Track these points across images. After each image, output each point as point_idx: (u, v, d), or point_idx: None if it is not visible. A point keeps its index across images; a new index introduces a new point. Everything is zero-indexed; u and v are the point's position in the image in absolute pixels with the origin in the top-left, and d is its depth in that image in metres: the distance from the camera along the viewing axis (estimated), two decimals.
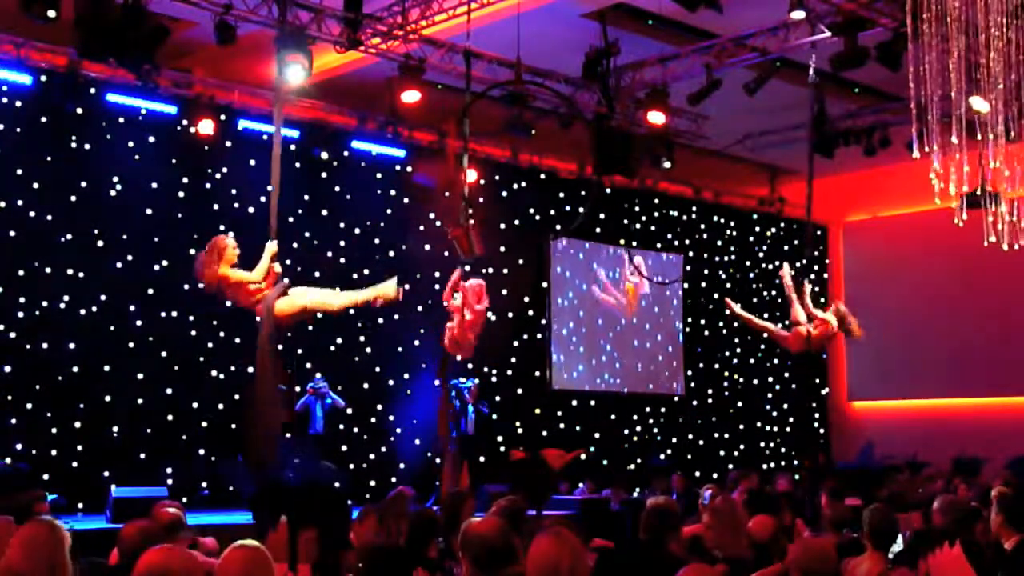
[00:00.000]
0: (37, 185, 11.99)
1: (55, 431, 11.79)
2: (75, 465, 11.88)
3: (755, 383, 18.93)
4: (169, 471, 12.35)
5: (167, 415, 12.53)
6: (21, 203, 11.89)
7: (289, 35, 9.63)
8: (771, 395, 19.19)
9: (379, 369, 14.23)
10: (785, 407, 19.28)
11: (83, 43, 9.93)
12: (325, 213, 14.04)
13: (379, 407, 14.20)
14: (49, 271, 11.96)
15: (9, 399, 11.56)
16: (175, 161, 12.97)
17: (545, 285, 16.25)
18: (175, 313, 12.65)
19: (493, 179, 15.30)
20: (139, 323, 12.49)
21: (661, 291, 17.56)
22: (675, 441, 17.57)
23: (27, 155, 11.96)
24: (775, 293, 17.54)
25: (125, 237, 12.49)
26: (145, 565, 3.36)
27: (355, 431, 13.91)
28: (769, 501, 8.01)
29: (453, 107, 12.33)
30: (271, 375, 8.22)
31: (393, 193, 14.69)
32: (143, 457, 12.29)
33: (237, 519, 10.18)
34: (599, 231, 16.70)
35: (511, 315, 15.23)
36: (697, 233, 18.44)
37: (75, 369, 12.01)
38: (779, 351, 17.86)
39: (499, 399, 14.87)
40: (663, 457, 17.01)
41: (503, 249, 15.22)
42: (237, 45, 10.89)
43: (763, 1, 11.29)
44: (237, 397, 12.56)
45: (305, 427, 12.56)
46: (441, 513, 6.42)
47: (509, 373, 15.61)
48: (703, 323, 18.26)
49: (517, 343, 15.76)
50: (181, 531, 5.72)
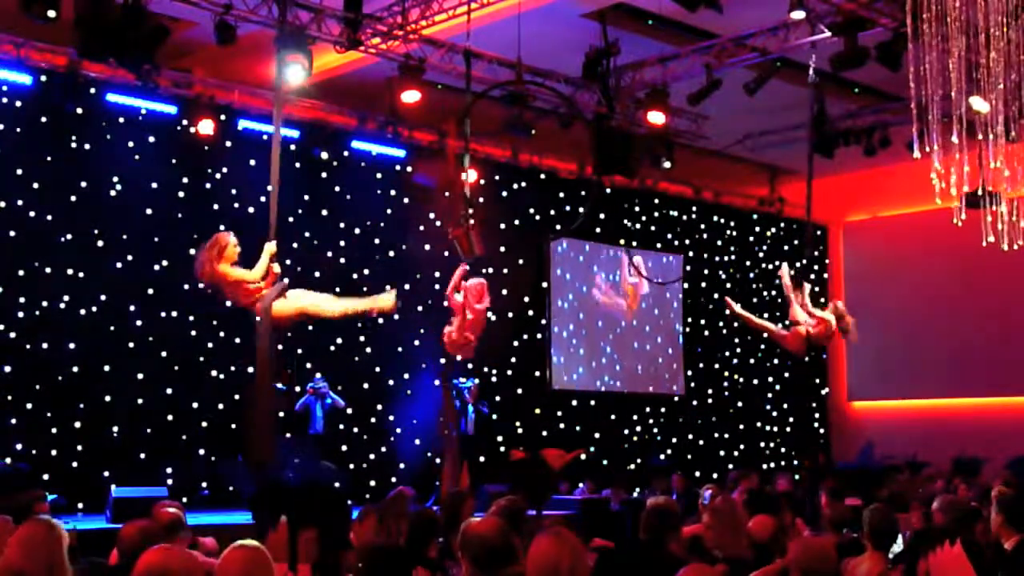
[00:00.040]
0: (37, 185, 11.99)
1: (55, 431, 11.80)
2: (75, 465, 11.88)
3: (755, 383, 18.93)
4: (169, 471, 12.35)
5: (167, 415, 12.54)
6: (21, 203, 11.89)
7: (289, 35, 9.62)
8: (771, 395, 19.18)
9: (379, 369, 14.23)
10: (785, 407, 19.27)
11: (83, 43, 9.93)
12: (325, 213, 14.04)
13: (379, 407, 14.20)
14: (49, 271, 11.96)
15: (9, 399, 11.56)
16: (175, 161, 12.98)
17: (545, 285, 16.25)
18: (175, 313, 12.65)
19: (493, 179, 15.30)
20: (139, 323, 12.49)
21: (661, 292, 17.55)
22: (675, 441, 17.57)
23: (27, 155, 11.96)
24: (775, 293, 17.52)
25: (125, 237, 12.49)
26: (145, 565, 3.36)
27: (355, 431, 13.91)
28: (769, 501, 8.01)
29: (453, 107, 12.33)
30: (269, 375, 8.22)
31: (393, 193, 14.69)
32: (143, 457, 12.29)
33: (237, 519, 10.18)
34: (599, 231, 16.70)
35: (511, 315, 15.23)
36: (697, 233, 18.44)
37: (75, 369, 12.01)
38: (779, 351, 17.84)
39: (499, 399, 14.87)
40: (663, 457, 17.01)
41: (503, 249, 15.22)
42: (237, 45, 10.89)
43: (763, 1, 11.29)
44: (237, 397, 12.57)
45: (305, 427, 12.57)
46: (441, 513, 6.43)
47: (509, 373, 15.61)
48: (703, 323, 18.26)
49: (517, 343, 15.76)
50: (181, 531, 5.72)
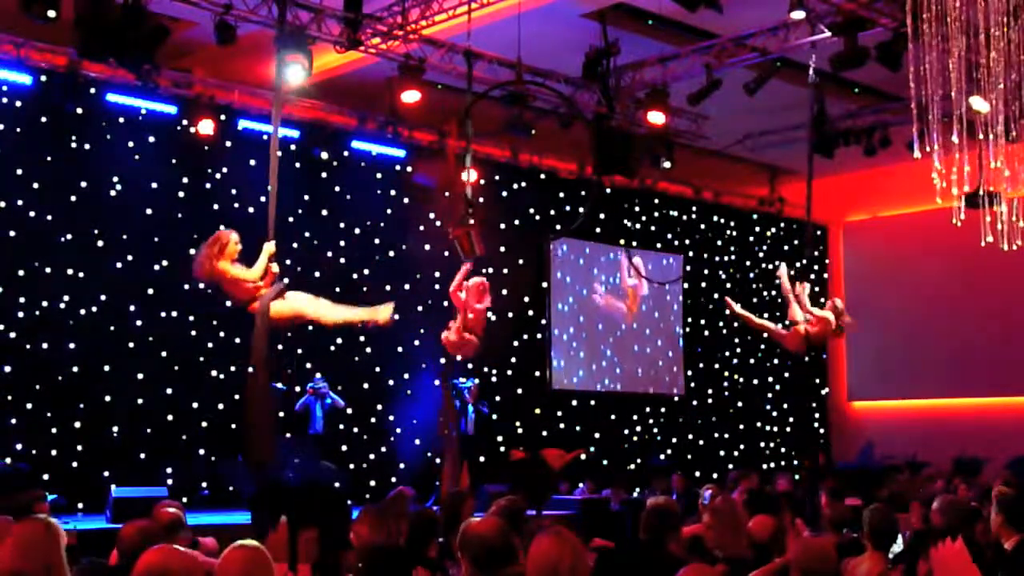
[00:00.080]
0: (37, 185, 11.99)
1: (55, 431, 11.80)
2: (75, 465, 11.88)
3: (755, 383, 18.93)
4: (169, 471, 12.36)
5: (167, 415, 12.54)
6: (21, 203, 11.89)
7: (289, 35, 9.62)
8: (771, 395, 19.19)
9: (379, 369, 14.23)
10: (785, 407, 19.28)
11: (83, 43, 9.92)
12: (325, 213, 14.04)
13: (379, 407, 14.20)
14: (49, 271, 11.96)
15: (9, 399, 11.56)
16: (175, 161, 12.98)
17: (545, 285, 16.25)
18: (175, 313, 12.65)
19: (493, 179, 15.30)
20: (139, 323, 12.49)
21: (661, 294, 17.56)
22: (675, 441, 17.57)
23: (27, 155, 11.96)
24: (775, 293, 17.49)
25: (125, 237, 12.49)
26: (145, 565, 3.36)
27: (355, 431, 13.91)
28: (769, 501, 8.01)
29: (453, 107, 12.33)
30: (266, 374, 8.22)
31: (393, 193, 14.69)
32: (143, 457, 12.29)
33: (237, 519, 10.18)
34: (599, 231, 16.70)
35: (511, 315, 15.23)
36: (697, 233, 18.44)
37: (75, 369, 12.02)
38: (779, 351, 17.86)
39: (499, 399, 14.87)
40: (663, 457, 17.01)
41: (503, 249, 15.22)
42: (237, 45, 10.89)
43: (763, 1, 11.28)
44: (237, 397, 12.55)
45: (305, 427, 12.57)
46: (441, 513, 6.43)
47: (509, 373, 15.61)
48: (703, 323, 18.26)
49: (517, 343, 15.76)
50: (181, 531, 5.72)
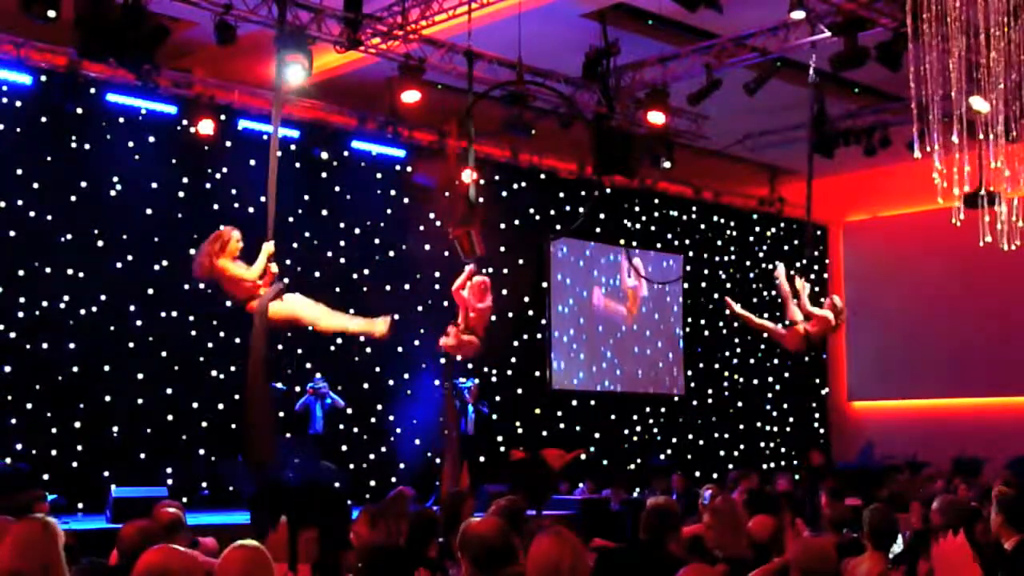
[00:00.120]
0: (37, 185, 11.99)
1: (55, 431, 11.79)
2: (75, 465, 11.88)
3: (755, 383, 18.93)
4: (169, 471, 12.35)
5: (167, 415, 12.54)
6: (21, 203, 11.89)
7: (289, 35, 9.61)
8: (771, 395, 19.19)
9: (379, 369, 14.23)
10: (785, 407, 19.28)
11: (83, 43, 9.92)
12: (325, 213, 14.04)
13: (379, 407, 14.20)
14: (49, 271, 11.96)
15: (9, 399, 11.56)
16: (175, 161, 12.97)
17: (545, 285, 16.25)
18: (175, 313, 12.65)
19: (493, 179, 15.28)
20: (139, 323, 12.49)
21: (661, 295, 17.58)
22: (675, 441, 17.57)
23: (27, 155, 11.96)
24: (775, 293, 17.46)
25: (125, 237, 12.49)
26: (145, 565, 3.36)
27: (355, 431, 13.91)
28: (769, 501, 8.01)
29: (453, 107, 12.33)
30: (264, 374, 8.22)
31: (393, 193, 14.68)
32: (143, 457, 12.29)
33: (237, 519, 10.18)
34: (599, 231, 16.70)
35: (511, 315, 15.23)
36: (697, 233, 18.44)
37: (75, 369, 12.01)
38: (779, 351, 17.87)
39: (499, 399, 14.87)
40: (663, 457, 17.01)
41: (503, 249, 15.21)
42: (237, 45, 10.89)
43: (763, 1, 11.28)
44: (237, 397, 12.55)
45: (305, 427, 12.56)
46: (441, 513, 6.43)
47: (509, 373, 15.61)
48: (703, 323, 18.26)
49: (517, 343, 15.76)
50: (181, 531, 5.72)
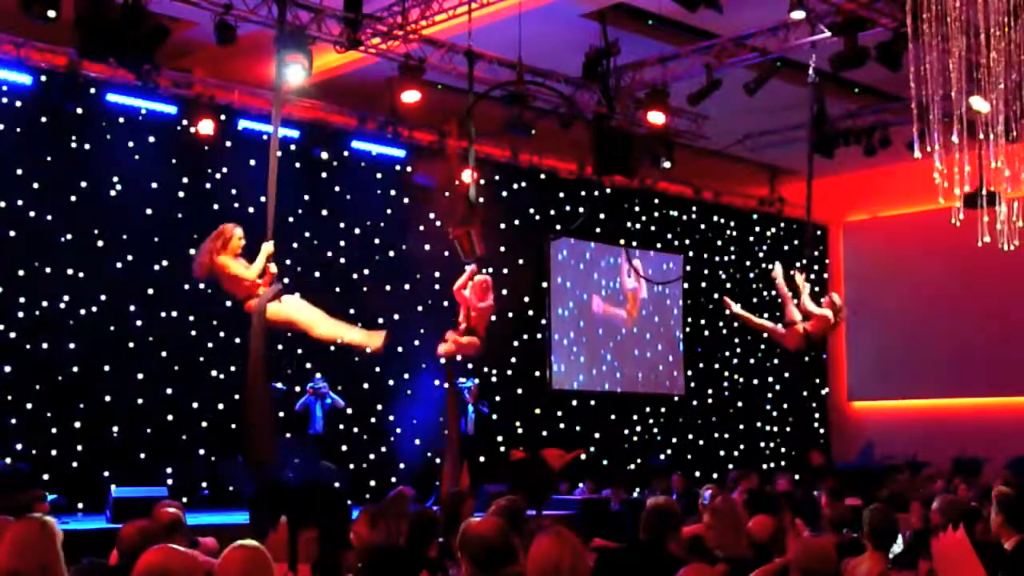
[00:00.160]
0: (37, 185, 11.99)
1: (55, 431, 11.79)
2: (75, 465, 11.88)
3: (755, 383, 18.93)
4: (169, 471, 12.35)
5: (167, 415, 12.53)
6: (21, 203, 11.89)
7: (289, 35, 9.61)
8: (771, 395, 19.19)
9: (379, 369, 14.22)
10: (785, 407, 19.28)
11: (83, 43, 9.92)
12: (325, 213, 14.03)
13: (379, 407, 14.20)
14: (49, 271, 11.96)
15: (9, 399, 11.56)
16: (175, 161, 12.97)
17: (545, 285, 16.25)
18: (175, 313, 12.65)
19: (493, 179, 15.28)
20: (139, 323, 12.49)
21: (661, 297, 17.60)
22: (675, 441, 17.57)
23: (27, 155, 11.96)
24: (775, 293, 17.53)
25: (125, 237, 12.48)
26: (145, 565, 3.35)
27: (355, 431, 13.91)
28: (769, 501, 8.01)
29: (453, 107, 12.32)
30: (263, 374, 8.22)
31: (393, 193, 14.68)
32: (143, 457, 12.29)
33: (237, 519, 10.18)
34: (599, 231, 16.70)
35: (511, 315, 15.23)
36: (697, 233, 18.44)
37: (75, 369, 12.01)
38: (779, 351, 17.87)
39: (499, 399, 14.87)
40: (663, 457, 17.01)
41: (503, 249, 15.20)
42: (237, 45, 10.89)
43: (763, 1, 11.28)
44: (237, 397, 12.55)
45: (305, 427, 12.56)
46: (441, 513, 6.43)
47: (509, 373, 15.61)
48: (703, 323, 18.26)
49: (517, 343, 15.76)
50: (181, 531, 5.72)
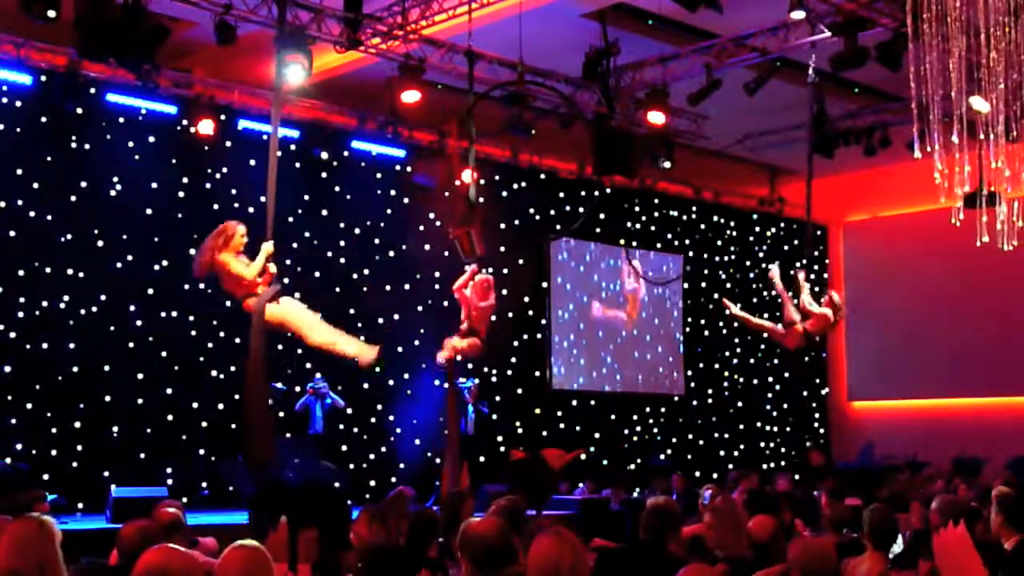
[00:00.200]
0: (37, 185, 11.98)
1: (55, 431, 11.79)
2: (75, 465, 11.88)
3: (755, 383, 18.92)
4: (169, 471, 12.35)
5: (167, 415, 12.53)
6: (21, 203, 11.88)
7: (289, 35, 9.61)
8: (771, 395, 19.19)
9: (379, 369, 14.20)
10: (785, 407, 19.28)
11: (83, 43, 9.92)
12: (325, 213, 14.03)
13: (379, 407, 14.19)
14: (49, 271, 11.96)
15: (9, 399, 11.56)
16: (175, 161, 12.97)
17: (545, 285, 16.25)
18: (175, 313, 12.65)
19: (493, 179, 15.28)
20: (139, 323, 12.49)
21: (661, 299, 17.60)
22: (675, 441, 17.57)
23: (27, 155, 11.96)
24: (775, 293, 17.57)
25: (125, 237, 12.48)
26: (145, 565, 3.35)
27: (355, 431, 13.91)
28: (769, 501, 8.01)
29: (453, 107, 12.32)
30: (262, 373, 8.22)
31: (393, 193, 14.68)
32: (143, 457, 12.28)
33: (237, 519, 10.18)
34: (599, 231, 16.70)
35: (511, 315, 15.22)
36: (697, 233, 18.44)
37: (75, 369, 12.01)
38: (779, 351, 17.88)
39: (499, 399, 14.87)
40: (663, 457, 17.01)
41: (503, 249, 15.20)
42: (237, 45, 10.89)
43: (763, 1, 11.29)
44: (237, 397, 12.55)
45: (305, 427, 12.56)
46: (441, 513, 6.43)
47: (509, 373, 15.61)
48: (703, 323, 18.25)
49: (517, 343, 15.76)
50: (181, 531, 5.71)
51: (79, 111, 12.19)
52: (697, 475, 15.79)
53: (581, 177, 16.38)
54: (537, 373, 16.03)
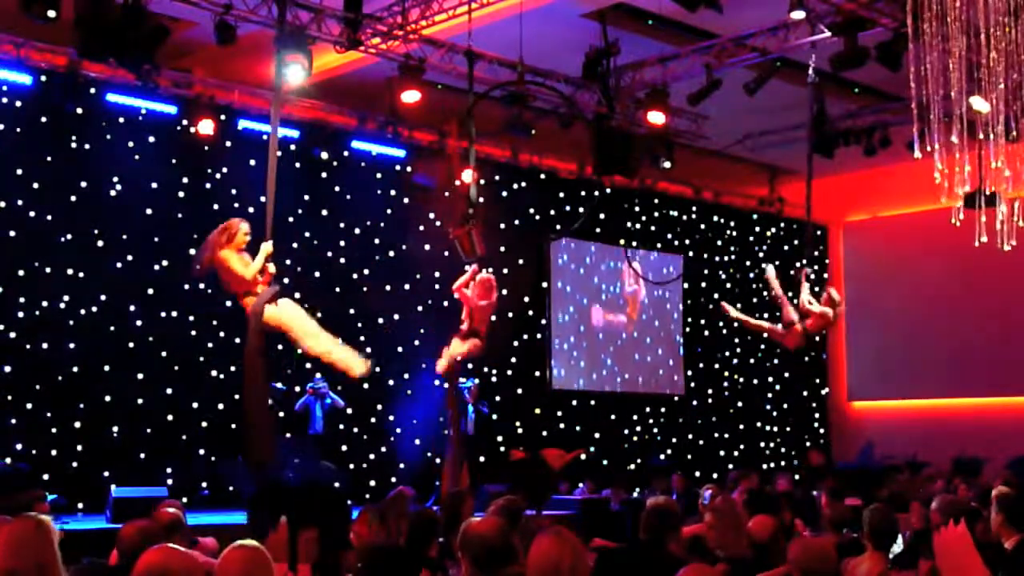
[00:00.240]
0: (37, 185, 11.99)
1: (55, 431, 11.79)
2: (75, 465, 11.88)
3: (755, 383, 18.92)
4: (169, 471, 12.35)
5: (167, 415, 12.53)
6: (21, 203, 11.89)
7: (289, 35, 9.61)
8: (771, 395, 19.19)
9: (379, 369, 14.18)
10: (785, 407, 19.28)
11: (83, 43, 9.92)
12: (325, 213, 14.03)
13: (379, 407, 14.19)
14: (49, 271, 11.96)
15: (9, 399, 11.56)
16: (175, 161, 12.97)
17: (545, 285, 16.25)
18: (175, 313, 12.65)
19: (493, 179, 15.28)
20: (139, 323, 12.49)
21: (661, 301, 17.59)
22: (675, 441, 17.57)
23: (27, 155, 11.96)
24: (775, 292, 17.57)
25: (125, 237, 12.48)
26: (145, 565, 3.35)
27: (355, 431, 13.91)
28: (769, 501, 8.02)
29: (453, 107, 12.33)
30: (261, 373, 8.22)
31: (393, 193, 14.68)
32: (143, 457, 12.29)
33: (237, 519, 10.17)
34: (599, 232, 16.69)
35: (511, 315, 15.22)
36: (697, 233, 18.43)
37: (75, 369, 12.01)
38: (779, 351, 17.88)
39: (499, 399, 14.87)
40: (663, 457, 17.02)
41: (503, 249, 15.20)
42: (237, 45, 10.89)
43: (763, 1, 11.29)
44: (237, 397, 12.55)
45: (305, 427, 12.56)
46: (441, 513, 6.43)
47: (509, 373, 15.61)
48: (703, 323, 18.25)
49: (517, 343, 15.76)
50: (181, 531, 5.71)
51: (79, 111, 12.19)
52: (697, 475, 15.80)
53: (581, 177, 16.38)
54: (537, 373, 16.02)
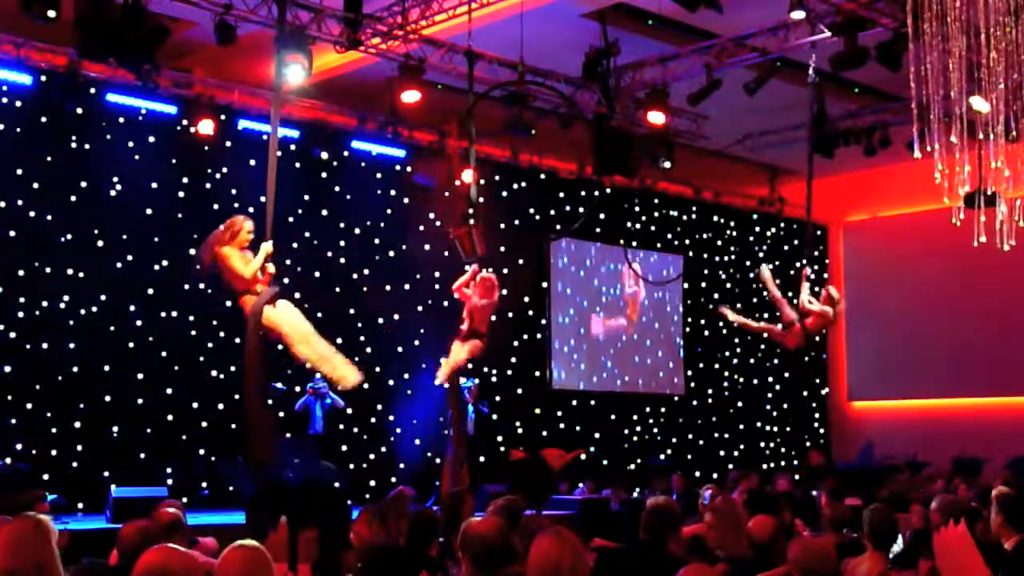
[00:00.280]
0: (37, 185, 11.99)
1: (55, 431, 11.79)
2: (75, 465, 11.88)
3: (755, 383, 18.92)
4: (169, 471, 12.35)
5: (167, 415, 12.53)
6: (21, 203, 11.89)
7: (289, 35, 9.60)
8: (771, 395, 19.19)
9: (379, 369, 14.21)
10: (785, 407, 19.28)
11: (83, 43, 9.92)
12: (325, 213, 14.03)
13: (379, 407, 14.19)
14: (49, 271, 11.96)
15: (9, 399, 11.56)
16: (175, 161, 12.97)
17: (545, 285, 16.25)
18: (175, 313, 12.65)
19: (493, 179, 15.28)
20: (139, 323, 12.49)
21: (661, 303, 17.58)
22: (675, 441, 17.56)
23: (27, 155, 11.96)
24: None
25: (125, 237, 12.48)
26: (145, 565, 3.35)
27: (355, 431, 13.91)
28: (769, 501, 8.02)
29: (453, 107, 12.33)
30: (259, 372, 8.21)
31: (393, 193, 14.68)
32: (143, 457, 12.28)
33: (237, 519, 10.17)
34: (599, 232, 16.70)
35: (511, 315, 15.22)
36: (697, 233, 18.43)
37: (75, 369, 12.01)
38: (779, 351, 17.88)
39: (499, 399, 14.86)
40: (663, 457, 17.02)
41: (503, 249, 15.20)
42: (237, 45, 10.89)
43: (763, 1, 11.29)
44: (237, 397, 12.54)
45: (305, 427, 12.56)
46: (441, 513, 6.43)
47: (509, 373, 15.61)
48: (703, 323, 18.25)
49: (517, 343, 15.76)
50: (181, 531, 5.71)
51: (79, 111, 12.19)
52: (697, 475, 15.80)
53: (581, 177, 16.38)
54: (537, 373, 16.02)
